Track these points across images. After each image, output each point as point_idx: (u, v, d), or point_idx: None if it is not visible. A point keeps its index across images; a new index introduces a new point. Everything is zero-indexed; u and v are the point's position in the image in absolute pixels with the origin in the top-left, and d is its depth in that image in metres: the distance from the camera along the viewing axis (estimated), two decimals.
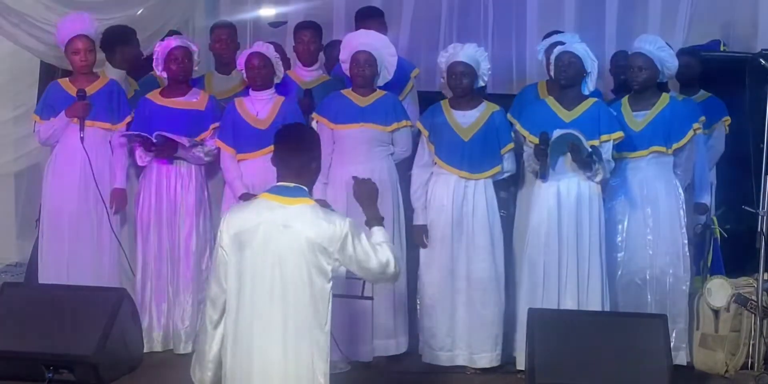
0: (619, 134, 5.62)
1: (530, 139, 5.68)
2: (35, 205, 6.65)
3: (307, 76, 6.64)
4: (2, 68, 7.23)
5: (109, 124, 6.16)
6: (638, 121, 5.81)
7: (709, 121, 6.21)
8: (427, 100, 6.41)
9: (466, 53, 5.77)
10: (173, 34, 6.61)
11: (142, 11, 6.92)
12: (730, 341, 5.78)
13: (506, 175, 5.94)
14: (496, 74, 6.13)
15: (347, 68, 5.97)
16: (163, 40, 6.26)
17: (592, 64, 5.63)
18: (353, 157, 5.89)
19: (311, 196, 4.17)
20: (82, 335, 5.39)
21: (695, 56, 6.57)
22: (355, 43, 5.95)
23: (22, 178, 7.54)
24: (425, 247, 5.89)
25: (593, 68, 5.64)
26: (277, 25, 8.01)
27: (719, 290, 5.82)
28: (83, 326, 5.44)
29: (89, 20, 6.15)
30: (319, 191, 5.69)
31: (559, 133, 5.48)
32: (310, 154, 4.16)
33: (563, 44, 5.74)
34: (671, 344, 5.40)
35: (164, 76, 6.17)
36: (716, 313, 5.84)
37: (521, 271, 5.77)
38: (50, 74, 6.87)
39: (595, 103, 5.68)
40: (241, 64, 6.09)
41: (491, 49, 6.89)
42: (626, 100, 5.91)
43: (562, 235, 5.59)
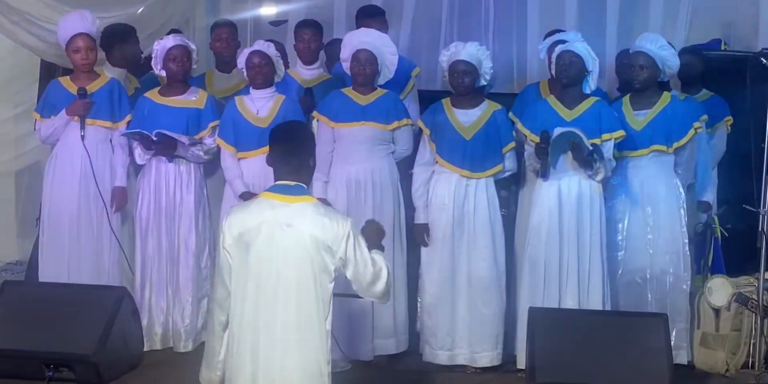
0: (620, 133, 5.61)
1: (531, 137, 5.67)
2: (36, 203, 6.65)
3: (307, 74, 6.63)
4: (2, 66, 7.24)
5: (109, 122, 6.15)
6: (639, 120, 5.80)
7: (711, 120, 6.20)
8: (427, 99, 6.40)
9: (467, 52, 5.77)
10: (174, 32, 6.60)
11: (142, 10, 6.91)
12: (730, 340, 5.78)
13: (507, 174, 5.94)
14: (496, 73, 6.12)
15: (348, 67, 5.96)
16: (161, 38, 6.25)
17: (593, 63, 5.62)
18: (354, 155, 5.88)
19: (311, 193, 4.17)
20: (82, 334, 5.39)
21: (697, 55, 6.56)
22: (355, 41, 5.94)
23: (22, 176, 7.53)
24: (426, 245, 5.89)
25: (594, 67, 5.63)
26: (277, 23, 8.01)
27: (720, 289, 5.82)
28: (83, 325, 5.43)
29: (90, 18, 6.13)
30: (319, 190, 5.70)
31: (559, 131, 5.47)
32: (308, 151, 4.16)
33: (565, 43, 5.74)
34: (672, 343, 5.39)
35: (163, 75, 6.16)
36: (717, 312, 5.83)
37: (522, 270, 5.76)
38: (51, 72, 6.88)
39: (596, 101, 5.67)
40: (241, 62, 6.07)
41: (492, 48, 6.87)
42: (627, 98, 5.91)
43: (562, 234, 5.59)
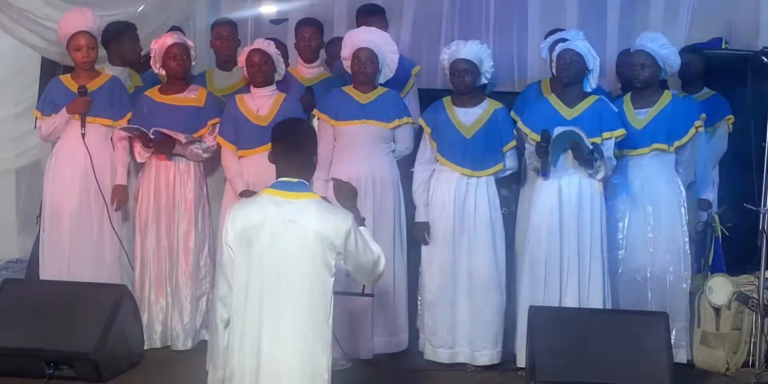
0: (620, 132, 5.61)
1: (532, 136, 5.67)
2: (36, 201, 6.66)
3: (308, 73, 6.64)
4: (3, 64, 7.23)
5: (110, 120, 6.14)
6: (640, 118, 5.80)
7: (712, 119, 6.21)
8: (428, 97, 6.40)
9: (468, 50, 5.77)
10: (173, 29, 6.59)
11: (143, 8, 6.90)
12: (731, 339, 5.78)
13: (508, 172, 5.94)
14: (497, 72, 6.12)
15: (348, 65, 5.96)
16: (159, 37, 6.25)
17: (593, 61, 5.62)
18: (354, 154, 5.88)
19: (313, 190, 4.18)
20: (82, 332, 5.40)
21: (698, 54, 6.56)
22: (356, 40, 5.94)
23: (23, 174, 7.52)
24: (427, 244, 5.89)
25: (595, 66, 5.63)
26: (278, 22, 8.00)
27: (720, 288, 5.82)
28: (84, 323, 5.44)
29: (91, 16, 6.14)
30: (320, 189, 5.69)
31: (560, 130, 5.47)
32: (311, 148, 4.18)
33: (566, 42, 5.74)
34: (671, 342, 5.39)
35: (162, 73, 6.16)
36: (717, 311, 5.83)
37: (522, 268, 5.76)
38: (51, 70, 6.87)
39: (597, 100, 5.67)
40: (242, 61, 6.07)
41: (493, 46, 6.86)
42: (628, 97, 5.91)
43: (563, 232, 5.58)
